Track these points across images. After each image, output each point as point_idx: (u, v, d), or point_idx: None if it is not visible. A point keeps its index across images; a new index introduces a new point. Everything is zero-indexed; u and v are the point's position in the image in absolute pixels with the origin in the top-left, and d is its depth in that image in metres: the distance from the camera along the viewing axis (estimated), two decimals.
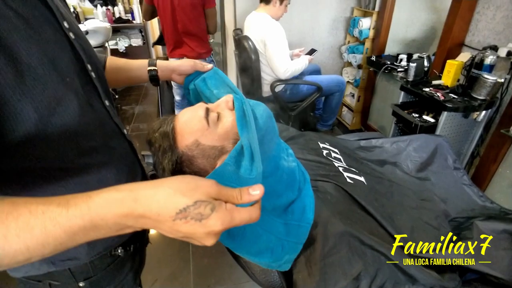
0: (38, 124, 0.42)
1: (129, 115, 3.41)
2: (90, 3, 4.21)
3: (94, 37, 3.20)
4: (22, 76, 0.40)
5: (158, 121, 0.63)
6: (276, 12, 1.93)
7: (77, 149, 0.49)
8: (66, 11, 0.54)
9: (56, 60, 0.45)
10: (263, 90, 2.09)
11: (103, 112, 0.56)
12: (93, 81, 0.54)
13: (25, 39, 0.41)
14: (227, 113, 0.61)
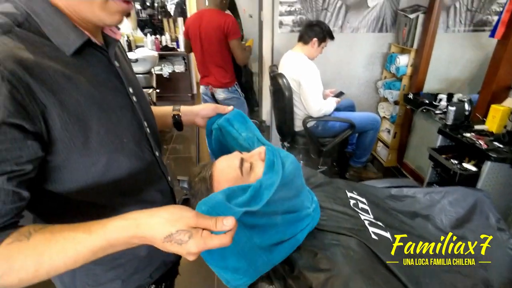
0: (94, 177, 0.52)
1: (168, 137, 3.60)
2: (141, 32, 4.63)
3: (143, 64, 3.51)
4: (88, 141, 0.49)
5: (199, 167, 0.71)
6: (312, 53, 2.00)
7: (120, 193, 0.58)
8: (131, 74, 0.64)
9: (118, 125, 0.54)
10: (295, 124, 2.12)
11: (152, 163, 0.64)
12: (147, 136, 0.63)
13: (99, 110, 0.50)
14: (259, 164, 0.67)
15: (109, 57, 0.56)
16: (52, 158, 0.47)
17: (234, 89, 2.24)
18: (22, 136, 0.41)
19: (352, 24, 2.54)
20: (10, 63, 0.40)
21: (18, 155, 0.41)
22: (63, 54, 0.47)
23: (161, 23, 4.62)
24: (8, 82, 0.39)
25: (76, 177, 0.51)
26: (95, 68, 0.52)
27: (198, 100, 5.06)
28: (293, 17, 2.46)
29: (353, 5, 2.47)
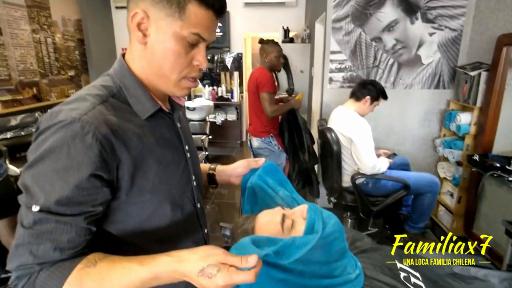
0: (141, 222, 0.59)
1: None
2: (201, 84, 5.11)
3: (199, 112, 3.81)
4: (144, 190, 0.57)
5: (242, 219, 0.74)
6: (364, 110, 1.98)
7: (158, 240, 0.62)
8: (188, 134, 0.73)
9: (171, 178, 0.62)
10: (343, 180, 2.04)
11: (192, 214, 0.69)
12: (193, 188, 0.69)
13: (158, 165, 0.59)
14: (301, 222, 0.67)
15: (174, 119, 0.67)
16: (113, 202, 0.56)
17: (268, 140, 2.31)
18: (100, 184, 0.51)
19: (405, 81, 2.50)
20: (103, 128, 0.51)
21: (94, 198, 0.51)
22: (139, 118, 0.59)
23: (218, 76, 5.08)
24: (100, 143, 0.50)
25: (127, 219, 0.58)
26: (162, 129, 0.63)
27: (247, 148, 5.23)
28: (343, 74, 2.51)
29: (406, 63, 2.46)
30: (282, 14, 4.58)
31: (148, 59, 0.57)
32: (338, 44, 2.45)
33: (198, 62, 0.57)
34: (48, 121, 0.49)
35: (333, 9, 2.37)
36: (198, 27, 0.54)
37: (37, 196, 0.48)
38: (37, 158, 0.48)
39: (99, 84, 0.58)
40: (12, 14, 3.24)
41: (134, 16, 0.54)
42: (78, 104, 0.52)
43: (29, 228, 0.48)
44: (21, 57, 3.38)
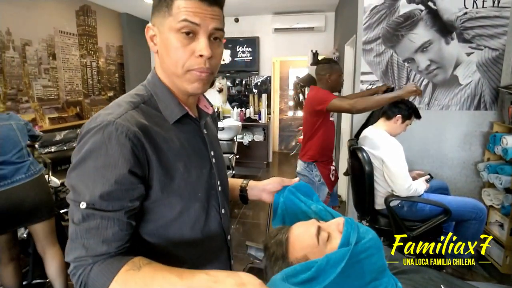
0: (167, 223, 0.62)
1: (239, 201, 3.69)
2: (229, 105, 5.26)
3: (227, 132, 3.89)
4: (171, 190, 0.61)
5: (276, 230, 0.72)
6: (395, 129, 1.91)
7: (184, 243, 0.64)
8: (215, 140, 0.76)
9: (197, 181, 0.65)
10: (376, 202, 1.94)
11: (216, 219, 0.71)
12: (218, 193, 0.71)
13: (183, 167, 0.62)
14: (337, 235, 0.65)
15: (200, 126, 0.70)
16: (145, 201, 0.59)
17: (309, 167, 2.11)
18: (136, 180, 0.55)
19: (440, 102, 2.40)
20: (134, 128, 0.56)
21: (132, 194, 0.55)
22: (167, 123, 0.63)
23: (247, 98, 5.20)
24: (132, 142, 0.54)
25: (155, 219, 0.61)
26: (188, 134, 0.66)
27: (273, 168, 5.21)
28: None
29: (442, 83, 2.38)
30: (311, 39, 4.68)
31: (162, 64, 0.63)
32: (369, 65, 2.44)
33: (199, 52, 0.58)
34: (88, 125, 0.56)
35: (363, 31, 2.38)
36: (184, 14, 0.56)
37: (83, 193, 0.53)
38: (80, 159, 0.54)
39: (133, 93, 0.65)
40: (65, 41, 3.60)
41: (147, 31, 0.62)
42: (113, 109, 0.58)
43: (79, 224, 0.53)
44: (69, 79, 3.70)
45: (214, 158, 0.71)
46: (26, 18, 3.12)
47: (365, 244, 0.62)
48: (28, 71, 3.16)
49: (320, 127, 2.06)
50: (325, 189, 2.12)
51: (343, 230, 0.64)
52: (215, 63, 0.62)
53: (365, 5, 2.32)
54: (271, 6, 4.34)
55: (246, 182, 0.86)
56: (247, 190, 0.85)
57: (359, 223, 0.69)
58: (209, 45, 0.58)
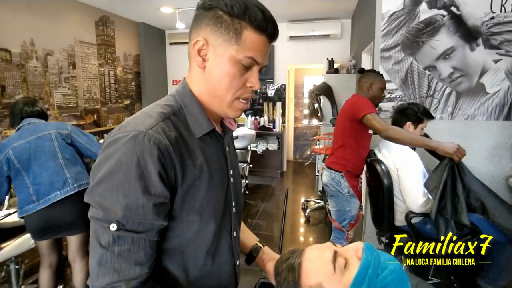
0: (184, 242, 0.59)
1: (253, 211, 3.62)
2: (244, 114, 5.24)
3: (241, 141, 3.85)
4: (191, 211, 0.58)
5: (288, 252, 0.67)
6: None
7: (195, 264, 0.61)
8: (234, 159, 0.74)
9: (216, 199, 0.62)
10: (396, 218, 1.82)
11: (227, 241, 0.67)
12: (232, 214, 0.68)
13: (206, 184, 0.60)
14: (355, 262, 0.58)
15: (224, 143, 0.68)
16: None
17: (337, 178, 1.96)
18: (167, 195, 0.53)
19: (465, 111, 2.27)
20: (166, 141, 0.53)
21: (163, 210, 0.54)
22: (194, 137, 0.60)
23: (261, 106, 5.17)
24: (162, 155, 0.52)
25: (173, 237, 0.58)
26: (212, 149, 0.64)
27: (288, 178, 5.11)
28: (393, 104, 2.37)
29: (466, 92, 2.25)
30: (327, 46, 4.61)
31: (206, 82, 0.61)
32: (387, 73, 2.34)
33: (251, 84, 0.60)
34: (117, 133, 0.53)
35: (381, 38, 2.30)
36: (252, 51, 0.56)
37: (113, 211, 0.50)
38: (108, 172, 0.50)
39: (163, 103, 0.62)
40: (85, 51, 3.71)
41: (196, 43, 0.58)
42: (144, 119, 0.55)
43: (108, 248, 0.50)
44: (88, 88, 3.79)
45: (232, 177, 0.69)
46: (49, 29, 3.24)
47: (387, 277, 0.55)
48: (49, 80, 3.26)
49: (357, 136, 1.93)
50: (356, 201, 1.98)
51: (362, 257, 0.58)
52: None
53: (383, 11, 2.25)
54: (286, 14, 4.32)
55: (261, 246, 0.83)
56: (260, 251, 0.82)
57: (380, 251, 0.61)
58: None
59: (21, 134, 1.64)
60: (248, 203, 3.87)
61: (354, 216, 2.00)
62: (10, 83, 2.90)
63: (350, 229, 2.00)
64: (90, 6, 3.75)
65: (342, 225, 2.00)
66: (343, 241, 2.00)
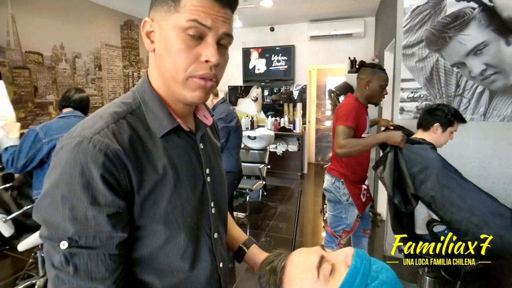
0: (151, 251, 0.53)
1: (271, 213, 3.57)
2: (264, 114, 5.21)
3: (260, 141, 3.82)
4: (154, 219, 0.52)
5: (275, 253, 0.62)
6: (438, 140, 1.66)
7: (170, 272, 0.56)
8: (212, 156, 0.67)
9: (186, 204, 0.56)
10: (416, 225, 1.69)
11: (206, 244, 0.61)
12: (210, 216, 0.63)
13: (171, 190, 0.53)
14: (343, 270, 0.52)
15: (195, 140, 0.61)
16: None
17: (337, 184, 1.86)
18: (122, 204, 0.48)
19: (501, 112, 2.08)
20: (115, 145, 0.48)
21: (119, 221, 0.48)
22: (155, 137, 0.54)
23: (282, 107, 5.11)
24: (111, 162, 0.46)
25: (139, 247, 0.52)
26: (179, 149, 0.57)
27: (308, 180, 5.01)
28: (417, 104, 2.23)
29: (502, 91, 2.06)
30: (349, 45, 4.48)
31: (158, 66, 0.54)
32: (410, 71, 2.21)
33: (206, 57, 0.50)
34: (65, 139, 0.48)
35: (403, 34, 2.17)
36: (194, 13, 0.49)
37: (61, 228, 0.44)
38: (52, 184, 0.46)
39: (120, 101, 0.56)
40: (110, 53, 3.87)
41: (143, 25, 0.54)
42: (93, 122, 0.50)
43: (62, 269, 0.45)
44: (113, 88, 3.95)
45: (209, 176, 0.63)
46: (77, 33, 3.41)
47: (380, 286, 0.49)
48: (77, 81, 3.43)
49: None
50: (354, 210, 1.85)
51: (351, 264, 0.52)
52: (221, 71, 0.55)
53: (405, 6, 2.12)
54: (308, 14, 4.25)
55: (251, 244, 0.80)
56: (246, 253, 0.78)
57: (373, 258, 0.55)
58: (217, 51, 0.51)
59: (66, 125, 1.80)
60: (266, 205, 3.83)
61: (350, 225, 1.88)
62: (42, 84, 3.08)
63: (344, 236, 1.90)
64: (116, 11, 3.91)
65: (335, 231, 1.90)
66: (335, 245, 1.90)
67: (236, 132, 2.34)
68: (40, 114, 3.09)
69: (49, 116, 3.16)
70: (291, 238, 3.02)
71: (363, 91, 1.82)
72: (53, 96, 3.19)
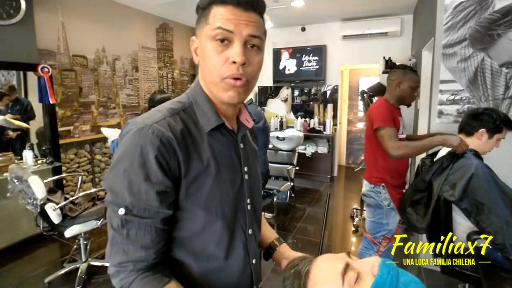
0: (192, 235, 0.61)
1: (298, 215, 3.54)
2: (294, 115, 5.17)
3: (289, 142, 3.80)
4: (196, 205, 0.59)
5: (300, 257, 0.63)
6: (483, 147, 1.53)
7: (206, 258, 0.63)
8: (251, 156, 0.74)
9: (224, 196, 0.63)
10: (456, 236, 1.59)
11: (241, 239, 0.67)
12: (246, 212, 0.68)
13: (213, 180, 0.60)
14: (369, 279, 0.51)
15: (237, 139, 0.68)
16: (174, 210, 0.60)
17: (377, 189, 1.81)
18: (170, 184, 0.56)
19: None
20: (169, 134, 0.56)
21: (166, 199, 0.56)
22: (203, 132, 0.62)
23: (312, 108, 5.04)
24: (164, 147, 0.55)
25: (181, 227, 0.60)
26: (223, 146, 0.64)
27: (338, 183, 4.89)
28: (458, 107, 2.09)
29: None
30: (384, 45, 4.30)
31: (202, 74, 0.63)
32: (450, 72, 2.07)
33: (232, 58, 0.57)
34: (131, 126, 0.58)
35: (444, 33, 2.04)
36: (219, 21, 0.56)
37: (121, 196, 0.54)
38: (117, 160, 0.55)
39: (176, 100, 0.65)
40: (146, 55, 4.06)
41: (191, 44, 0.64)
42: (153, 114, 0.59)
43: (118, 231, 0.55)
44: (148, 89, 4.14)
45: (247, 174, 0.69)
46: (117, 37, 3.62)
47: None
48: (116, 82, 3.65)
49: (379, 146, 1.76)
50: (395, 215, 1.79)
51: (377, 274, 0.50)
52: (252, 71, 0.59)
53: (446, 2, 2.00)
54: (340, 13, 4.14)
55: (279, 242, 0.82)
56: (275, 251, 0.81)
57: (402, 270, 0.53)
58: (243, 52, 0.57)
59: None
60: (294, 206, 3.80)
61: (392, 231, 1.80)
62: (85, 84, 3.32)
63: (384, 243, 1.81)
64: (152, 15, 4.10)
65: (374, 237, 1.83)
66: (373, 253, 1.82)
67: (264, 132, 2.35)
68: (84, 112, 3.32)
69: (91, 115, 3.39)
70: (318, 241, 2.96)
71: (393, 92, 1.78)
72: (95, 96, 3.42)
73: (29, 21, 2.69)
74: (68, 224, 2.05)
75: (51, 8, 2.95)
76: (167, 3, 3.56)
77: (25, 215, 2.70)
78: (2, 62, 2.54)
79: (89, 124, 3.38)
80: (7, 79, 2.84)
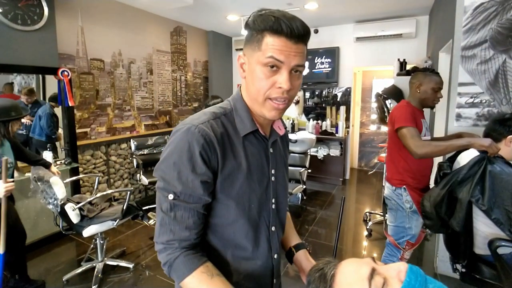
0: (223, 224, 0.70)
1: (310, 218, 3.52)
2: (305, 117, 5.14)
3: (300, 145, 3.78)
4: (229, 196, 0.68)
5: (324, 261, 0.64)
6: (509, 154, 1.49)
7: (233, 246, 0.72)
8: (280, 160, 0.81)
9: (253, 193, 0.71)
10: (476, 244, 1.54)
11: (265, 234, 0.75)
12: (270, 211, 0.76)
13: (244, 177, 0.70)
14: (396, 285, 0.51)
15: (268, 144, 0.77)
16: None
17: (399, 192, 1.79)
18: (211, 176, 0.66)
19: None
20: (211, 133, 0.66)
21: (207, 188, 0.66)
22: (239, 136, 0.71)
23: (324, 110, 5.00)
24: (207, 144, 0.64)
25: (215, 215, 0.70)
26: (254, 149, 0.73)
27: (351, 186, 4.84)
28: (478, 110, 2.04)
29: None
30: (398, 46, 4.24)
31: (247, 88, 0.71)
32: (470, 74, 2.03)
33: (279, 84, 0.64)
34: (180, 126, 0.68)
35: (463, 35, 2.00)
36: (271, 51, 0.63)
37: (172, 183, 0.64)
38: (169, 153, 0.65)
39: (219, 105, 0.75)
40: (161, 59, 4.12)
41: (238, 59, 0.72)
42: (199, 116, 0.69)
43: (167, 213, 0.66)
44: (162, 91, 4.20)
45: (274, 177, 0.76)
46: (132, 40, 3.70)
47: None
48: (131, 85, 3.72)
49: (401, 149, 1.75)
50: (418, 219, 1.76)
51: (404, 280, 0.50)
52: (293, 94, 0.68)
53: (466, 3, 1.96)
54: (354, 14, 4.11)
55: (303, 246, 0.88)
56: (293, 256, 0.87)
57: (429, 277, 0.52)
58: (289, 78, 0.64)
59: None
60: (306, 209, 3.78)
61: (415, 236, 1.78)
62: (102, 87, 3.39)
63: (408, 248, 1.78)
64: (166, 19, 4.16)
65: (398, 242, 1.79)
66: (396, 259, 1.79)
67: None
68: (100, 115, 3.40)
69: (107, 117, 3.46)
70: (330, 244, 2.96)
71: (414, 95, 1.78)
72: (111, 98, 3.49)
73: (51, 26, 2.78)
74: (86, 224, 2.11)
75: (72, 13, 3.04)
76: (183, 7, 3.61)
77: (44, 214, 2.78)
78: (27, 67, 2.63)
79: (105, 126, 3.45)
80: (27, 82, 2.93)
